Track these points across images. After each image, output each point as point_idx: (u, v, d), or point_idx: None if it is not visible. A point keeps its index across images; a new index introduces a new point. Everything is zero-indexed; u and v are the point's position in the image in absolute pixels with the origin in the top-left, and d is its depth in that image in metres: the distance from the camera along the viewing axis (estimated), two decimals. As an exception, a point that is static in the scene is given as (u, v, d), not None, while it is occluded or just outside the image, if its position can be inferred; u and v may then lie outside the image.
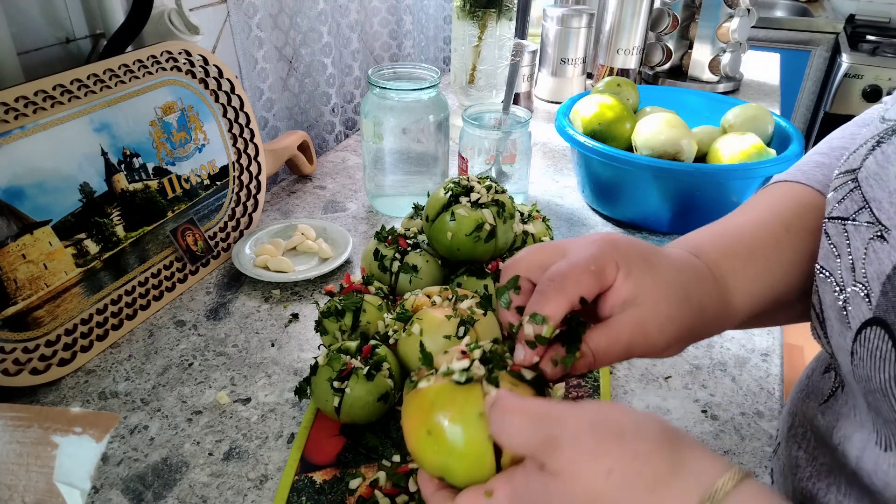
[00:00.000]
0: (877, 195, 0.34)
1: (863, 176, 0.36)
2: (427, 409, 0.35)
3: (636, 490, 0.29)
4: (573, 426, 0.31)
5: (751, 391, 0.61)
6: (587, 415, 0.32)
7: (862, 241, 0.34)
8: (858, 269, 0.34)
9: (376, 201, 0.94)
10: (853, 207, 0.36)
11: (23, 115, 0.59)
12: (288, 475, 0.51)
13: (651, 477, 0.29)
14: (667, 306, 0.37)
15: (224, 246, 0.81)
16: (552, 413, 0.32)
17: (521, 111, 0.88)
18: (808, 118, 2.62)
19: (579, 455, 0.30)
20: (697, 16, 1.35)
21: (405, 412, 0.37)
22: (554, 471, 0.31)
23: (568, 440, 0.31)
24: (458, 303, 0.56)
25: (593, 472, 0.30)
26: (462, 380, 0.36)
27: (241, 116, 0.83)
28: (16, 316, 0.59)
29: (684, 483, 0.29)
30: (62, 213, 0.63)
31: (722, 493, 0.28)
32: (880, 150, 0.35)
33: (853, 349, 0.34)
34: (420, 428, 0.35)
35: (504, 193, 0.66)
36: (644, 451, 0.30)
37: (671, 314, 0.37)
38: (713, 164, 0.86)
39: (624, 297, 0.37)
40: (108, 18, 0.73)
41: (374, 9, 1.28)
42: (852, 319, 0.34)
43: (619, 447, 0.30)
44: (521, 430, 0.32)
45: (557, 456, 0.31)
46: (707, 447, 0.32)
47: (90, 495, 0.50)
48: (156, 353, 0.66)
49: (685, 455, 0.31)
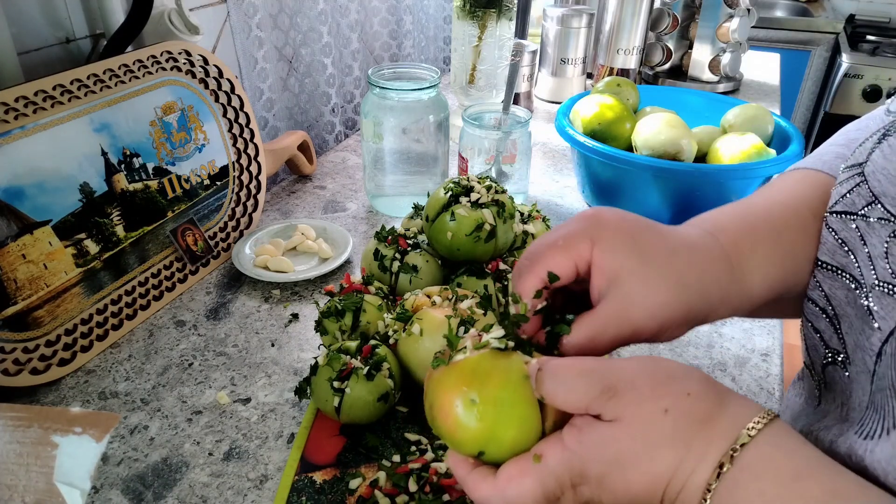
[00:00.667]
0: (886, 190, 0.34)
1: (869, 170, 0.36)
2: (469, 377, 0.35)
3: (690, 424, 0.32)
4: (629, 374, 0.33)
5: (751, 391, 0.61)
6: (638, 364, 0.34)
7: (880, 239, 0.34)
8: (881, 266, 0.34)
9: (376, 201, 0.94)
10: (861, 202, 0.36)
11: (23, 115, 0.59)
12: (288, 475, 0.51)
13: (702, 413, 0.32)
14: (655, 290, 0.36)
15: (224, 246, 0.81)
16: (605, 365, 0.33)
17: (521, 111, 0.88)
18: (808, 118, 2.62)
19: (639, 398, 0.32)
20: (697, 16, 1.35)
21: (438, 388, 0.36)
22: (613, 417, 0.32)
23: (626, 387, 0.32)
24: (458, 303, 0.56)
25: (651, 412, 0.32)
26: (502, 346, 0.36)
27: (241, 116, 0.83)
28: (16, 316, 0.59)
29: (726, 420, 0.32)
30: (62, 213, 0.63)
31: (755, 430, 0.31)
32: (886, 142, 0.35)
33: (882, 350, 0.34)
34: (462, 398, 0.35)
35: (504, 193, 0.66)
36: (695, 390, 0.33)
37: (661, 299, 0.36)
38: (713, 164, 0.86)
39: (605, 274, 0.36)
40: (108, 18, 0.73)
41: (374, 9, 1.28)
42: (880, 320, 0.34)
43: (673, 387, 0.32)
44: (578, 385, 0.33)
45: (616, 402, 0.32)
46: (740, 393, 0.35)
47: (90, 495, 0.50)
48: (156, 353, 0.66)
49: (726, 396, 0.33)
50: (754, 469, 0.30)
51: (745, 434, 0.31)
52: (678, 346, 0.67)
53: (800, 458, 0.31)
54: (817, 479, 0.29)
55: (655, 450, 0.32)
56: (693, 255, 0.38)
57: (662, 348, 0.66)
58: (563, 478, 0.33)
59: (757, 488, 0.30)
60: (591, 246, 0.37)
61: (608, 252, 0.36)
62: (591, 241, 0.37)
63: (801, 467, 0.30)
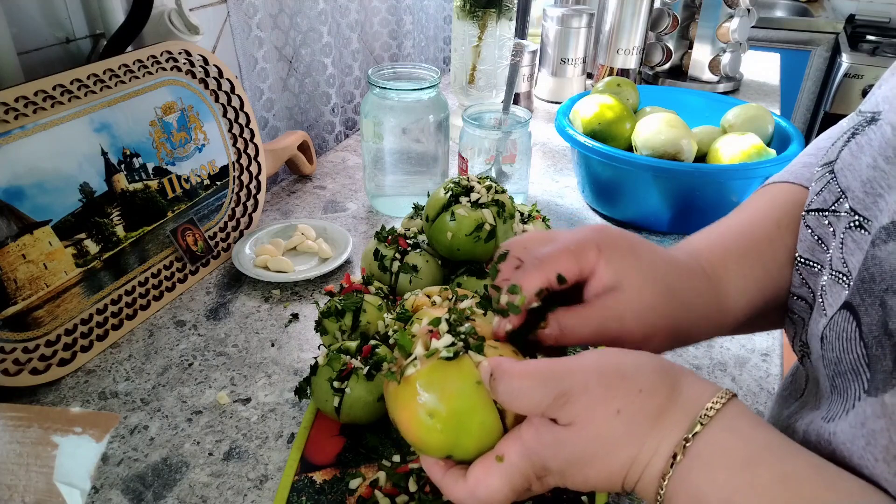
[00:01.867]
0: (851, 185, 0.35)
1: (838, 167, 0.37)
2: (423, 390, 0.36)
3: (643, 420, 0.32)
4: (581, 378, 0.33)
5: (751, 391, 0.61)
6: (590, 364, 0.34)
7: (841, 230, 0.35)
8: (836, 257, 0.35)
9: (376, 201, 0.94)
10: (831, 199, 0.37)
11: (23, 115, 0.59)
12: (288, 475, 0.51)
13: (654, 407, 0.33)
14: (648, 295, 0.39)
15: (224, 246, 0.81)
16: (558, 369, 0.34)
17: (521, 111, 0.88)
18: (808, 118, 2.62)
19: (590, 402, 0.33)
20: (697, 16, 1.35)
21: (395, 405, 0.37)
22: (567, 421, 0.33)
23: (579, 392, 0.33)
24: (458, 303, 0.56)
25: (604, 414, 0.32)
26: (451, 355, 0.36)
27: (241, 116, 0.83)
28: (16, 316, 0.59)
29: (681, 408, 0.33)
30: (62, 213, 0.63)
31: (707, 418, 0.32)
32: (854, 141, 0.36)
33: (823, 334, 0.35)
34: (420, 413, 0.36)
35: (504, 193, 0.66)
36: (646, 385, 0.33)
37: (651, 303, 0.39)
38: (713, 164, 0.86)
39: (605, 282, 0.39)
40: (108, 18, 0.73)
41: (374, 9, 1.28)
42: (828, 307, 0.35)
43: (624, 386, 0.33)
44: (531, 391, 0.33)
45: (569, 408, 0.33)
46: (698, 374, 0.35)
47: (90, 495, 0.50)
48: (156, 353, 0.66)
49: (681, 382, 0.34)
50: (705, 457, 0.31)
51: (697, 422, 0.32)
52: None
53: (753, 442, 0.31)
54: (769, 464, 0.30)
55: (610, 449, 0.33)
56: (681, 270, 0.41)
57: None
58: (528, 472, 0.34)
59: (708, 476, 0.31)
60: (599, 254, 0.39)
61: (613, 260, 0.39)
62: (598, 250, 0.39)
63: (753, 453, 0.31)
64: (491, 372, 0.35)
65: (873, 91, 0.38)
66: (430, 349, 0.37)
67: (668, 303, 0.39)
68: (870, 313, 0.31)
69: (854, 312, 0.32)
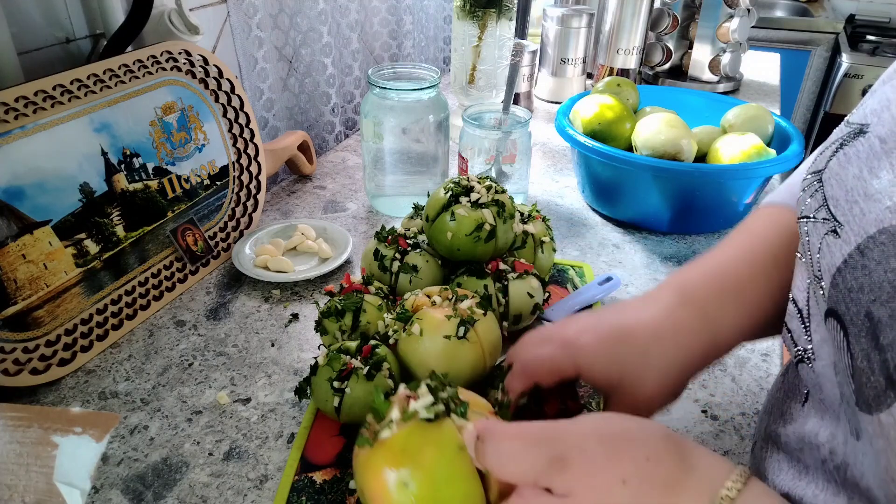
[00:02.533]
0: (835, 193, 0.35)
1: (826, 176, 0.37)
2: (398, 457, 0.32)
3: (652, 489, 0.29)
4: (578, 441, 0.30)
5: (751, 391, 0.61)
6: (589, 427, 0.31)
7: (818, 236, 0.35)
8: (814, 261, 0.35)
9: (376, 201, 0.94)
10: (815, 205, 0.37)
11: (23, 115, 0.59)
12: (288, 475, 0.51)
13: (665, 477, 0.30)
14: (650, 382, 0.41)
15: (224, 246, 0.81)
16: (550, 432, 0.31)
17: (521, 111, 0.88)
18: (808, 118, 2.62)
19: (591, 468, 0.30)
20: (697, 16, 1.35)
21: (366, 473, 0.33)
22: (564, 491, 0.30)
23: (576, 456, 0.30)
24: (458, 303, 0.56)
25: (608, 483, 0.29)
26: (431, 416, 0.32)
27: (241, 116, 0.83)
28: (16, 316, 0.59)
29: (696, 482, 0.30)
30: (62, 213, 0.63)
31: (735, 491, 0.29)
32: (842, 151, 0.36)
33: (824, 337, 0.35)
34: (394, 482, 0.31)
35: (504, 193, 0.66)
36: (654, 453, 0.30)
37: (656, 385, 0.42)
38: (713, 164, 0.86)
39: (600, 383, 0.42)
40: (108, 18, 0.73)
41: (374, 9, 1.28)
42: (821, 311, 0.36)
43: (630, 452, 0.30)
44: (523, 454, 0.30)
45: (567, 475, 0.30)
46: (707, 448, 0.33)
47: (90, 495, 0.50)
48: (156, 353, 0.66)
49: (691, 454, 0.31)
50: None
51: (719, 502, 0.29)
52: (678, 346, 0.67)
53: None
54: None
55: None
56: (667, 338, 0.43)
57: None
58: None
59: None
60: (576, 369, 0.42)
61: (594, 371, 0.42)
62: (574, 366, 0.42)
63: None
64: (478, 434, 0.32)
65: (864, 101, 0.38)
66: (409, 411, 0.33)
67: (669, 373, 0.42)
68: (855, 323, 0.30)
69: (840, 321, 0.32)
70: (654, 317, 0.44)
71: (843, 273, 0.32)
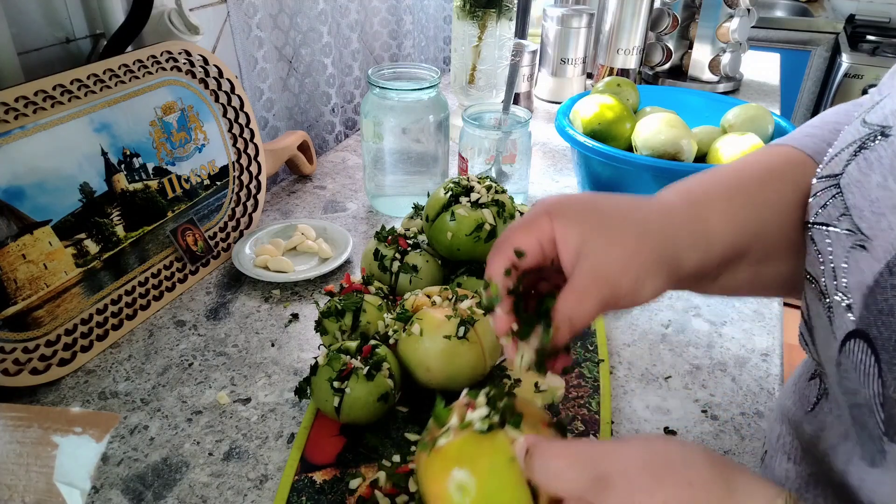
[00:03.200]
0: (858, 203, 0.34)
1: (845, 182, 0.35)
2: (454, 464, 0.34)
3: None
4: (623, 463, 0.31)
5: (751, 391, 0.61)
6: (634, 450, 0.32)
7: (843, 249, 0.34)
8: (840, 277, 0.34)
9: (376, 201, 0.94)
10: (835, 213, 0.35)
11: (23, 115, 0.59)
12: (288, 475, 0.51)
13: (706, 502, 0.30)
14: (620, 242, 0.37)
15: (224, 246, 0.81)
16: (597, 452, 0.32)
17: (521, 111, 0.88)
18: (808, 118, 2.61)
19: (634, 491, 0.30)
20: (697, 16, 1.35)
21: (425, 475, 0.36)
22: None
23: (619, 477, 0.30)
24: (458, 303, 0.56)
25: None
26: (485, 428, 0.35)
27: (241, 116, 0.83)
28: (16, 316, 0.59)
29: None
30: (62, 213, 0.63)
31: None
32: (862, 156, 0.35)
33: (839, 360, 0.33)
34: (449, 487, 0.34)
35: (504, 193, 0.66)
36: (697, 479, 0.30)
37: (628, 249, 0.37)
38: (713, 165, 0.86)
39: (571, 246, 0.38)
40: (108, 18, 0.73)
41: (374, 9, 1.28)
42: (837, 330, 0.34)
43: (673, 477, 0.30)
44: (567, 472, 0.31)
45: (609, 494, 0.30)
46: (751, 470, 0.32)
47: (90, 495, 0.50)
48: (156, 353, 0.66)
49: (736, 479, 0.31)
50: None
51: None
52: (678, 347, 0.67)
53: None
54: None
55: None
56: (652, 204, 0.41)
57: (662, 347, 0.66)
58: None
59: None
60: (551, 221, 0.38)
61: (568, 224, 0.38)
62: (549, 217, 0.38)
63: None
64: (527, 449, 0.33)
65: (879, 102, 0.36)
66: (465, 421, 0.36)
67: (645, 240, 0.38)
68: (888, 349, 0.29)
69: (871, 345, 0.30)
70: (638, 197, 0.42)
71: (874, 294, 0.31)
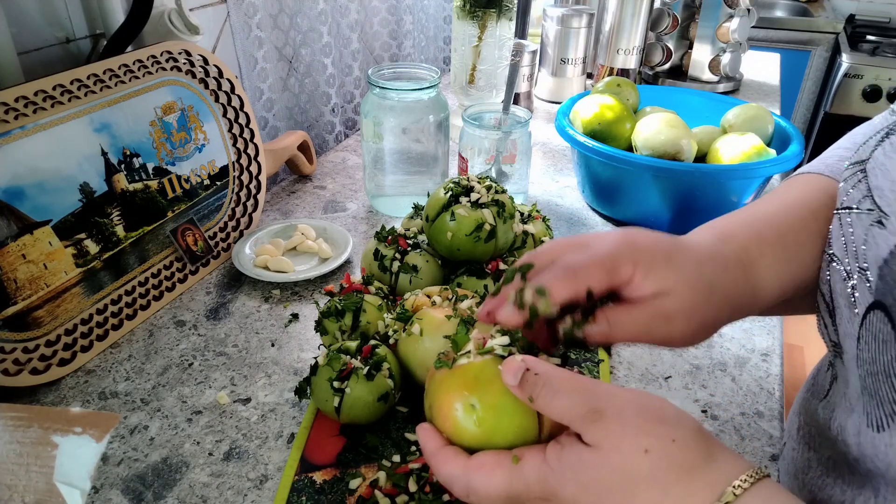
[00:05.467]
0: (880, 183, 0.35)
1: (870, 167, 0.37)
2: (471, 383, 0.36)
3: (670, 468, 0.31)
4: (619, 403, 0.33)
5: (751, 391, 0.61)
6: (632, 397, 0.34)
7: (863, 228, 0.35)
8: (860, 254, 0.35)
9: (376, 201, 0.94)
10: (858, 196, 0.37)
11: (23, 115, 0.59)
12: (288, 475, 0.51)
13: (684, 460, 0.32)
14: (691, 299, 0.39)
15: (224, 246, 0.81)
16: (600, 389, 0.34)
17: (521, 111, 0.88)
18: (808, 118, 2.62)
19: (622, 429, 0.32)
20: (697, 16, 1.35)
21: (439, 390, 0.38)
22: (593, 442, 0.32)
23: (613, 414, 0.32)
24: (458, 303, 0.56)
25: (632, 448, 0.32)
26: (505, 354, 0.37)
27: (241, 116, 0.83)
28: (16, 316, 0.59)
29: (712, 474, 0.31)
30: (62, 213, 0.63)
31: (740, 489, 0.31)
32: (888, 141, 0.36)
33: (860, 334, 0.35)
34: (462, 403, 0.36)
35: (504, 193, 0.66)
36: (682, 437, 0.32)
37: (695, 306, 0.39)
38: (713, 164, 0.86)
39: (646, 292, 0.38)
40: (108, 18, 0.73)
41: (374, 9, 1.28)
42: (859, 305, 0.35)
43: (660, 429, 0.32)
44: (566, 398, 0.33)
45: (598, 427, 0.32)
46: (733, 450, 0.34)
47: (90, 495, 0.50)
48: (156, 353, 0.66)
49: (716, 450, 0.33)
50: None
51: (729, 492, 0.30)
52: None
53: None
54: None
55: (631, 486, 0.31)
56: (717, 264, 0.41)
57: (662, 347, 0.66)
58: (533, 487, 0.33)
59: None
60: (634, 268, 0.38)
61: (651, 274, 0.38)
62: (633, 265, 0.38)
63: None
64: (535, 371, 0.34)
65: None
66: (487, 346, 0.38)
67: (710, 301, 0.39)
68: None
69: (888, 313, 0.32)
70: (700, 243, 0.42)
71: (889, 264, 0.32)
